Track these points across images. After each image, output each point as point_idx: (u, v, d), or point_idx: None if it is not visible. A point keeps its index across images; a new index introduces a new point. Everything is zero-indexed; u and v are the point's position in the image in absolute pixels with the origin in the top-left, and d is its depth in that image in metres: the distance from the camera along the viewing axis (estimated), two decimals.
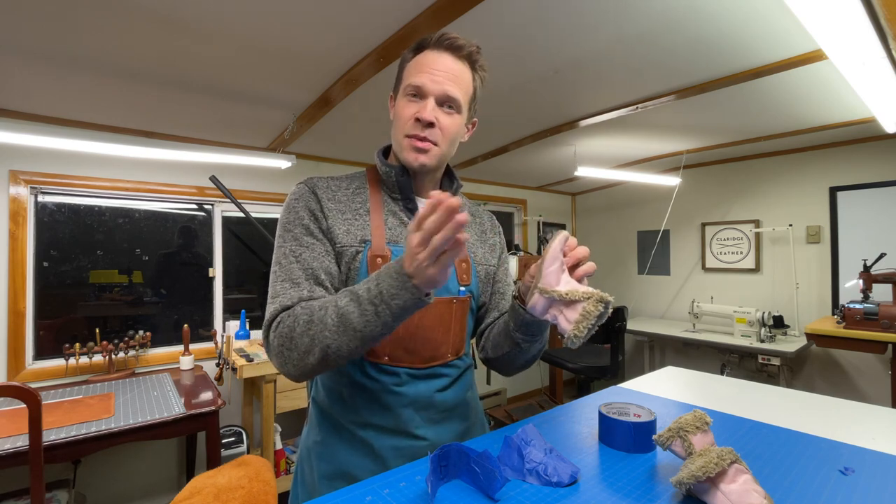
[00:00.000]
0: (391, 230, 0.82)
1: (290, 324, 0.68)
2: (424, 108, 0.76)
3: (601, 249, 4.54)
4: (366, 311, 0.63)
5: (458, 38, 0.78)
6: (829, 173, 3.03)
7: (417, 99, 0.78)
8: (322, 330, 0.65)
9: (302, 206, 0.80)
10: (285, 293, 0.72)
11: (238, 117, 2.15)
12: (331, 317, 0.65)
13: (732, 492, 0.52)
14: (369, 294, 0.63)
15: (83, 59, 1.52)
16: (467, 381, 0.91)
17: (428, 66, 0.77)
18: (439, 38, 0.78)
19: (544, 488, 0.60)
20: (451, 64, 0.78)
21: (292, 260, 0.75)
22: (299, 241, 0.77)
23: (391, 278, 0.62)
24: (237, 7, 1.27)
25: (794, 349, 2.67)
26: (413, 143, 0.78)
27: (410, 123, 0.77)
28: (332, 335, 0.64)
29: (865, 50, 1.21)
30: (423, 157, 0.78)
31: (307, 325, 0.66)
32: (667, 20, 1.42)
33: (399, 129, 0.79)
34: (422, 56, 0.79)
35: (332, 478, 0.80)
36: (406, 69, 0.81)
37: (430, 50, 0.79)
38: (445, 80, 0.77)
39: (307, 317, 0.67)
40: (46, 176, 2.12)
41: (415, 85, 0.77)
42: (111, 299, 2.37)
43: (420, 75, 0.77)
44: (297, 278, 0.73)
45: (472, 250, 0.90)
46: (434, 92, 0.76)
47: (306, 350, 0.66)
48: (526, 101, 2.08)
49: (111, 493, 2.22)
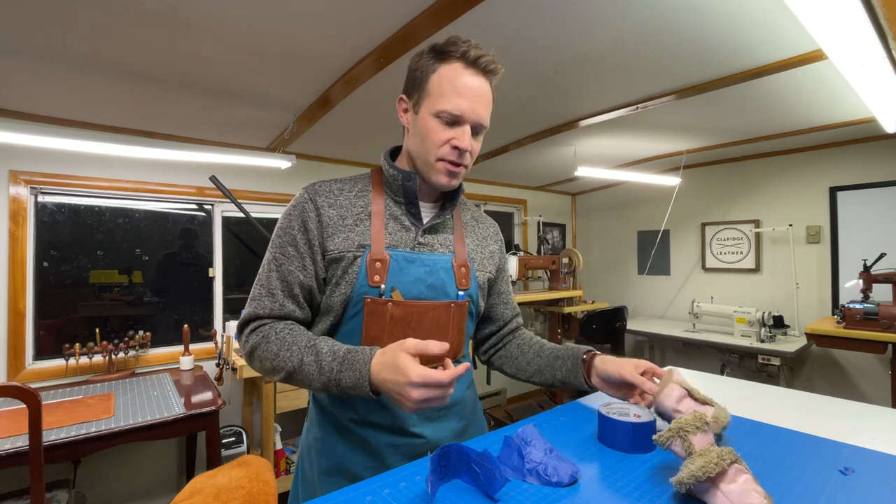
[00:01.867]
0: (391, 235, 0.82)
1: (261, 344, 0.77)
2: (463, 137, 0.76)
3: (601, 249, 4.55)
4: (321, 380, 0.72)
5: (493, 61, 0.77)
6: (829, 173, 3.03)
7: (453, 125, 0.77)
8: (286, 365, 0.74)
9: (296, 215, 0.82)
10: (261, 300, 0.80)
11: (238, 117, 2.14)
12: (294, 363, 0.74)
13: (732, 492, 0.52)
14: (330, 374, 0.71)
15: (83, 59, 1.52)
16: (465, 381, 0.91)
17: (466, 91, 0.75)
18: (477, 59, 0.76)
19: (544, 488, 0.60)
20: (486, 88, 0.78)
21: (273, 268, 0.81)
22: (283, 250, 0.81)
23: (353, 378, 0.69)
24: (237, 7, 1.27)
25: (794, 349, 2.67)
26: (448, 168, 0.79)
27: (447, 149, 0.77)
28: (293, 374, 0.74)
29: (865, 50, 1.21)
30: (455, 180, 0.81)
31: (275, 355, 0.75)
32: (667, 20, 1.42)
33: (430, 150, 0.78)
34: (452, 72, 0.75)
35: (331, 474, 0.81)
36: (433, 81, 0.76)
37: (463, 67, 0.76)
38: (481, 108, 0.77)
39: (276, 348, 0.75)
40: (46, 176, 2.12)
41: (454, 113, 0.75)
42: (111, 299, 2.37)
43: (459, 101, 0.75)
44: (273, 288, 0.80)
45: (473, 256, 0.90)
46: (472, 121, 0.77)
47: (272, 370, 0.76)
48: (526, 101, 2.08)
49: (111, 493, 2.22)
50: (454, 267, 0.85)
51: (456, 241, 0.89)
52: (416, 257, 0.82)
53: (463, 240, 0.90)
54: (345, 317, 0.81)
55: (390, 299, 0.78)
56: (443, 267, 0.84)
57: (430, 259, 0.83)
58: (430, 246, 0.84)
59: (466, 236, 0.92)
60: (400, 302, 0.79)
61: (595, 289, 4.57)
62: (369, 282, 0.78)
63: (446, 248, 0.86)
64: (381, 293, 0.78)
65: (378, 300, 0.78)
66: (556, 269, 3.79)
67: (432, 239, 0.85)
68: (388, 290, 0.78)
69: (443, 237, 0.87)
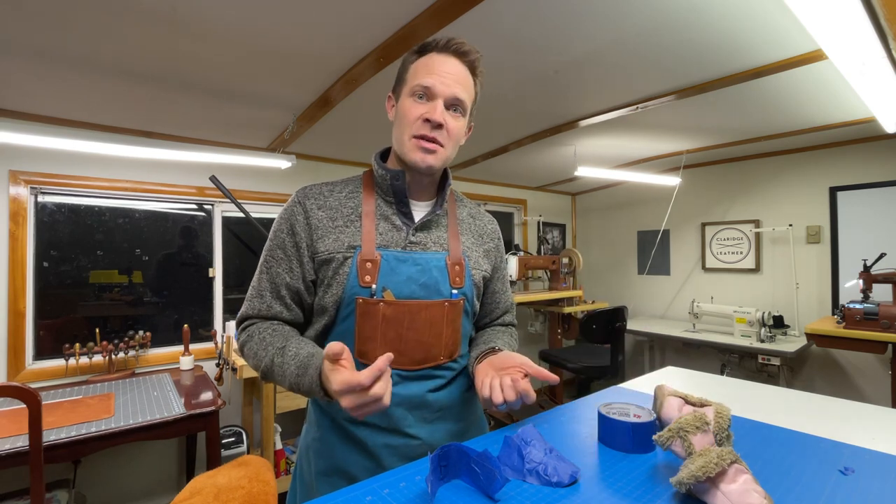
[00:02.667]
0: (382, 235, 0.82)
1: (247, 342, 0.81)
2: (434, 109, 0.76)
3: (601, 249, 4.55)
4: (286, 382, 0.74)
5: (464, 44, 0.79)
6: (829, 173, 3.03)
7: (425, 100, 0.78)
8: (261, 364, 0.78)
9: (285, 219, 0.84)
10: (251, 301, 0.84)
11: (238, 117, 2.15)
12: (266, 363, 0.77)
13: (732, 492, 0.52)
14: (292, 377, 0.73)
15: (83, 59, 1.52)
16: (464, 382, 0.90)
17: (437, 69, 0.77)
18: (447, 42, 0.79)
19: (544, 488, 0.60)
20: (459, 68, 0.79)
21: (264, 270, 0.84)
22: (273, 253, 0.84)
23: (307, 383, 0.70)
24: (237, 7, 1.27)
25: (794, 349, 2.67)
26: (421, 144, 0.78)
27: (418, 123, 0.77)
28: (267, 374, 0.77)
29: (865, 50, 1.21)
30: (430, 157, 0.79)
31: (255, 354, 0.79)
32: (667, 20, 1.42)
33: (404, 129, 0.79)
34: (427, 58, 0.79)
35: (328, 474, 0.81)
36: (410, 70, 0.81)
37: (436, 53, 0.79)
38: (454, 83, 0.78)
39: (256, 347, 0.79)
40: (46, 176, 2.12)
41: (424, 85, 0.77)
42: (111, 299, 2.37)
43: (430, 76, 0.77)
44: (262, 290, 0.83)
45: (468, 253, 0.89)
46: (444, 94, 0.77)
47: (255, 368, 0.80)
48: (526, 101, 2.08)
49: (111, 493, 2.22)
50: (448, 265, 0.84)
51: (450, 238, 0.88)
52: (407, 256, 0.82)
53: (458, 237, 0.89)
54: (338, 317, 0.81)
55: (382, 299, 0.78)
56: (436, 265, 0.83)
57: (422, 258, 0.83)
58: (423, 244, 0.84)
59: (462, 234, 0.91)
60: (392, 302, 0.79)
61: (595, 289, 4.57)
62: (360, 282, 0.78)
63: (440, 246, 0.86)
64: (373, 293, 0.78)
65: (370, 300, 0.78)
66: (556, 269, 3.79)
67: (425, 237, 0.85)
68: (380, 290, 0.78)
69: (436, 235, 0.87)
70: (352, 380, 0.61)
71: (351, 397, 0.61)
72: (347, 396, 0.61)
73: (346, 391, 0.61)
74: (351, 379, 0.61)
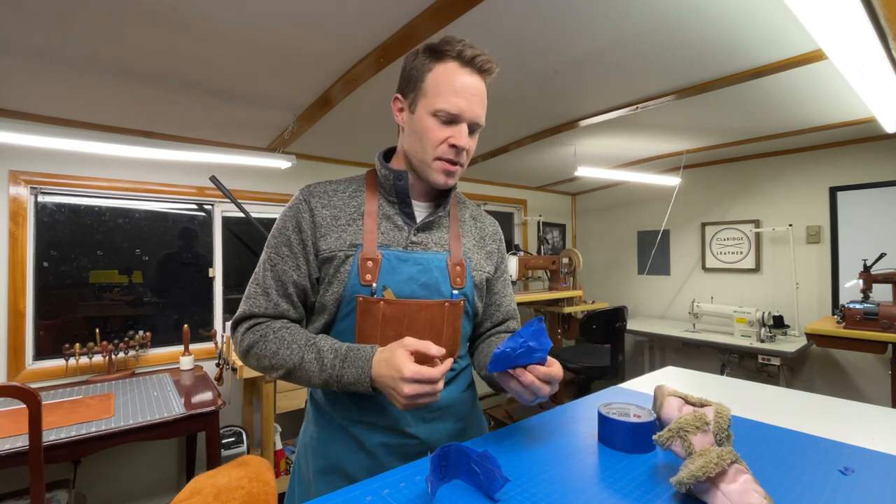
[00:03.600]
0: (384, 234, 0.83)
1: (259, 342, 0.78)
2: (460, 136, 0.77)
3: (601, 249, 4.55)
4: (322, 377, 0.74)
5: (489, 60, 0.78)
6: (829, 173, 3.03)
7: (451, 124, 0.77)
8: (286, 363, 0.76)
9: (291, 216, 0.83)
10: (256, 299, 0.81)
11: (238, 117, 2.15)
12: (294, 361, 0.75)
13: (732, 492, 0.52)
14: (332, 370, 0.73)
15: (83, 59, 1.52)
16: (463, 382, 0.91)
17: (463, 90, 0.76)
18: (472, 58, 0.76)
19: (545, 489, 0.60)
20: (481, 87, 0.79)
21: (268, 267, 0.82)
22: (278, 251, 0.82)
23: (354, 373, 0.71)
24: (237, 7, 1.27)
25: (794, 349, 2.67)
26: (446, 167, 0.79)
27: (444, 148, 0.78)
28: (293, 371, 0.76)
29: (865, 50, 1.21)
30: (451, 179, 0.81)
31: (274, 353, 0.76)
32: (666, 20, 1.42)
33: (427, 149, 0.78)
34: (448, 71, 0.76)
35: (326, 472, 0.81)
36: (429, 80, 0.77)
37: (459, 66, 0.76)
38: (478, 107, 0.78)
39: (275, 346, 0.76)
40: (46, 176, 2.12)
41: (451, 112, 0.76)
42: (111, 299, 2.37)
43: (455, 99, 0.75)
44: (268, 287, 0.81)
45: (469, 254, 0.90)
46: (469, 119, 0.77)
47: (270, 367, 0.77)
48: (526, 101, 2.08)
49: (111, 493, 2.22)
50: (449, 266, 0.85)
51: (451, 239, 0.88)
52: (408, 256, 0.82)
53: (459, 238, 0.89)
54: (338, 316, 0.81)
55: (382, 298, 0.79)
56: (436, 266, 0.84)
57: (423, 258, 0.83)
58: (424, 245, 0.84)
59: (463, 235, 0.91)
60: (392, 301, 0.79)
61: (595, 289, 4.57)
62: (361, 281, 0.78)
63: (441, 246, 0.86)
64: (373, 292, 0.79)
65: (370, 299, 0.78)
66: (556, 269, 3.79)
67: (426, 238, 0.85)
68: (380, 288, 0.79)
69: (437, 235, 0.87)
70: (424, 372, 0.64)
71: (416, 386, 0.64)
72: (412, 385, 0.64)
73: (414, 380, 0.64)
74: (423, 371, 0.64)
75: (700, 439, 0.59)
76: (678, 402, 0.73)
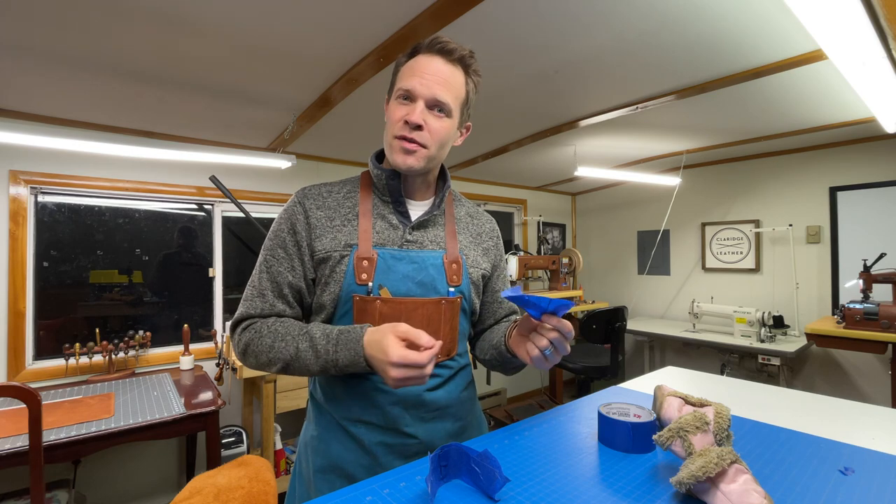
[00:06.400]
0: (378, 233, 0.83)
1: (254, 339, 0.78)
2: (414, 111, 0.77)
3: (601, 249, 4.55)
4: (319, 363, 0.75)
5: (449, 42, 0.79)
6: (829, 173, 3.03)
7: (408, 102, 0.79)
8: (282, 355, 0.76)
9: (286, 218, 0.84)
10: (252, 301, 0.82)
11: (238, 117, 2.14)
12: (290, 352, 0.76)
13: (732, 492, 0.52)
14: (327, 355, 0.74)
15: (83, 59, 1.52)
16: (462, 381, 0.91)
17: (419, 70, 0.78)
18: (431, 42, 0.79)
19: (545, 489, 0.60)
20: (443, 67, 0.79)
21: (264, 269, 0.83)
22: (273, 253, 0.83)
23: (348, 356, 0.72)
24: (237, 7, 1.27)
25: (794, 349, 2.67)
26: (401, 145, 0.79)
27: (399, 125, 0.78)
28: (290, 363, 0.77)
29: (865, 50, 1.21)
30: (410, 158, 0.79)
31: (269, 347, 0.77)
32: (666, 20, 1.42)
33: (388, 130, 0.81)
34: (414, 61, 0.80)
35: (325, 471, 0.81)
36: (399, 73, 0.82)
37: (422, 54, 0.80)
38: (435, 84, 0.78)
39: (270, 340, 0.77)
40: (46, 176, 2.12)
41: (405, 88, 0.78)
42: (111, 299, 2.37)
43: (411, 79, 0.78)
44: (264, 289, 0.82)
45: (465, 252, 0.90)
46: (423, 95, 0.77)
47: (268, 363, 0.78)
48: (526, 101, 2.08)
49: (111, 493, 2.22)
50: (445, 263, 0.85)
51: (447, 237, 0.88)
52: (404, 255, 0.82)
53: (455, 236, 0.90)
54: (336, 315, 0.82)
55: (378, 297, 0.79)
56: (432, 263, 0.84)
57: (418, 256, 0.83)
58: (420, 243, 0.85)
59: (459, 233, 0.91)
60: (388, 299, 0.79)
61: (595, 289, 4.57)
62: (357, 280, 0.79)
63: (437, 244, 0.86)
64: (369, 291, 0.79)
65: (366, 298, 0.79)
66: (556, 269, 3.79)
67: (421, 236, 0.86)
68: (376, 287, 0.79)
69: (433, 234, 0.87)
70: (412, 358, 0.65)
71: (403, 370, 0.66)
72: (400, 369, 0.66)
73: (401, 365, 0.66)
74: (412, 357, 0.65)
75: (700, 439, 0.59)
76: (678, 402, 0.73)
